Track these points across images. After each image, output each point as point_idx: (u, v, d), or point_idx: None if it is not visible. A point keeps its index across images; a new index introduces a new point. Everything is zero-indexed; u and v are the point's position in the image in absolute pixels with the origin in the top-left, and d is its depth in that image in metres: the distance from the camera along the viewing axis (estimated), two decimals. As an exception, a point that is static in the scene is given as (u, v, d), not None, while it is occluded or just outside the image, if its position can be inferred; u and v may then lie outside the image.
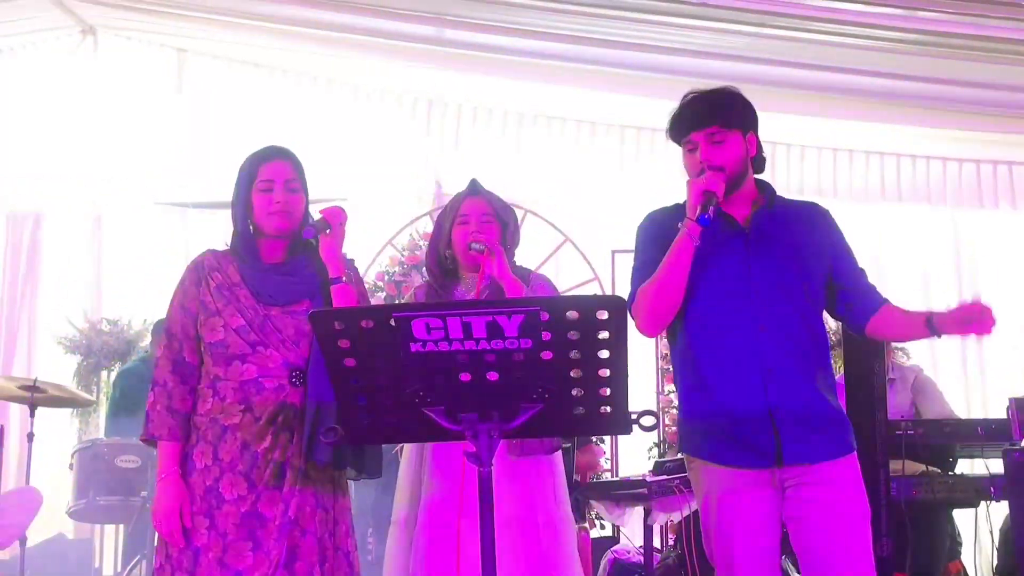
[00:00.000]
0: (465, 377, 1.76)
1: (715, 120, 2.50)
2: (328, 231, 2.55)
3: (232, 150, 5.82)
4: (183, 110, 6.37)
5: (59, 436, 5.28)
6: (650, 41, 5.50)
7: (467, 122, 6.45)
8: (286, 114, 6.27)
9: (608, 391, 1.79)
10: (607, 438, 6.11)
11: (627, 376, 1.79)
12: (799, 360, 2.46)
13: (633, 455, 6.00)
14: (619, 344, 1.74)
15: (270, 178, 2.57)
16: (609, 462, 6.00)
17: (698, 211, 2.38)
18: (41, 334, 6.48)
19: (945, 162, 6.43)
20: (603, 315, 1.70)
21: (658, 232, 2.57)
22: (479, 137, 6.34)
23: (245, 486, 2.45)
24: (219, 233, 3.71)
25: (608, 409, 1.82)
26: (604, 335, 1.71)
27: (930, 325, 2.43)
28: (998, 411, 3.91)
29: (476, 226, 2.95)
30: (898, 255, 6.51)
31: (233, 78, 6.35)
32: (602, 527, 5.48)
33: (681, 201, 2.61)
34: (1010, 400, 3.38)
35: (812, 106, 6.07)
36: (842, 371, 3.71)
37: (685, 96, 2.58)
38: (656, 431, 5.72)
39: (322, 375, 2.36)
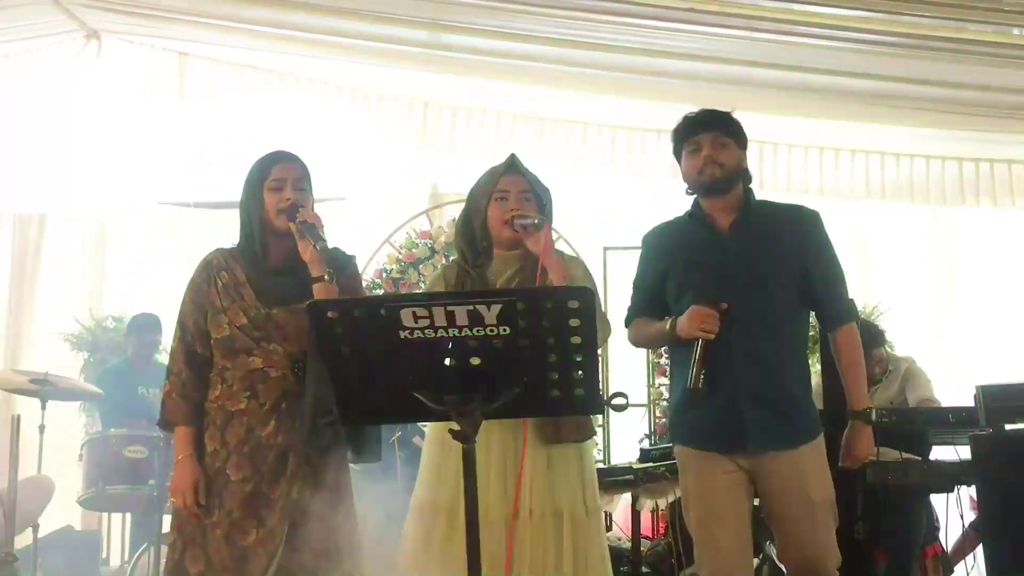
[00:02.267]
0: (449, 362, 1.93)
1: (722, 126, 2.78)
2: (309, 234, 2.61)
3: (233, 151, 6.00)
4: (185, 112, 6.51)
5: (66, 428, 5.40)
6: (641, 45, 5.63)
7: (462, 124, 6.57)
8: (286, 116, 6.38)
9: (581, 374, 1.95)
10: (599, 429, 6.27)
11: (598, 360, 1.95)
12: (769, 352, 2.69)
13: (625, 445, 6.15)
14: (589, 331, 1.90)
15: (281, 176, 2.72)
16: (601, 452, 6.15)
17: (690, 379, 2.64)
18: (46, 332, 6.60)
19: (928, 160, 6.56)
20: (574, 304, 1.86)
21: (654, 254, 2.90)
22: (473, 138, 6.47)
23: (249, 468, 2.62)
24: (221, 231, 3.85)
25: (582, 391, 1.98)
26: (575, 323, 1.88)
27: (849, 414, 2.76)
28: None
29: (515, 203, 2.80)
30: (881, 251, 6.67)
31: (234, 81, 6.49)
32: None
33: (682, 214, 2.87)
34: (976, 388, 3.52)
35: (798, 107, 6.21)
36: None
37: (692, 111, 2.85)
38: (632, 411, 5.98)
39: (321, 366, 2.50)
